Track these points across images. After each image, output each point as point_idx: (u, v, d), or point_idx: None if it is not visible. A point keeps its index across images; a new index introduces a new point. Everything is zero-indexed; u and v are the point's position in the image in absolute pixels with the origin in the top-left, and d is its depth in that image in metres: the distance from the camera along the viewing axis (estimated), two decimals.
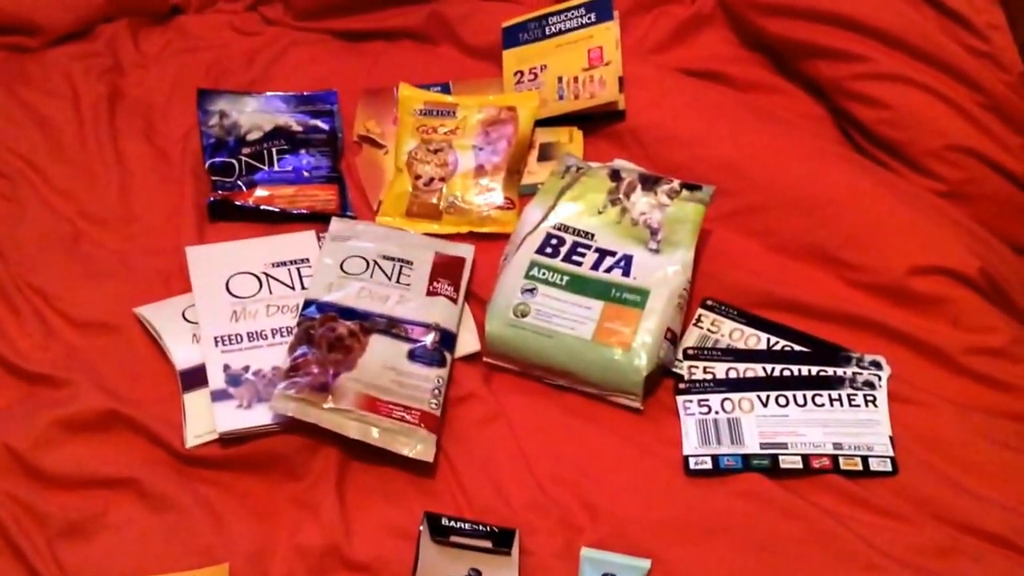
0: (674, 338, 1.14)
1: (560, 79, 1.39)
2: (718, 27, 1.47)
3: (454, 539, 0.95)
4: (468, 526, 0.95)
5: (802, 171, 1.27)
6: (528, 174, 1.34)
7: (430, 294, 1.16)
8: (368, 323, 1.11)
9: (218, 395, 1.07)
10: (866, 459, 1.05)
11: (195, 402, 1.08)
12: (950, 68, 1.28)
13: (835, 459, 1.05)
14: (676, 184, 1.21)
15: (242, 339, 1.12)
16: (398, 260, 1.19)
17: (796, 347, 1.15)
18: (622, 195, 1.22)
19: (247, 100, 1.41)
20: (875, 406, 1.09)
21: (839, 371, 1.11)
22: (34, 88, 1.43)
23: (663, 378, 1.13)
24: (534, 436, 1.08)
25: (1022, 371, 1.13)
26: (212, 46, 1.52)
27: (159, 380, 1.11)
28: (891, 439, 1.06)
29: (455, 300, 1.16)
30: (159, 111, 1.42)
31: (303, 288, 1.17)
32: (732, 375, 1.13)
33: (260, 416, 1.06)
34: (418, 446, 1.04)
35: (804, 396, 1.10)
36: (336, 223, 1.23)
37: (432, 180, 1.32)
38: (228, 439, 1.05)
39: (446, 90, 1.43)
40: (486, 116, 1.37)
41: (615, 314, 1.12)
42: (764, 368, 1.13)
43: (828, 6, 1.33)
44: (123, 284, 1.20)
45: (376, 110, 1.42)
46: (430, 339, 1.11)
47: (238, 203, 1.29)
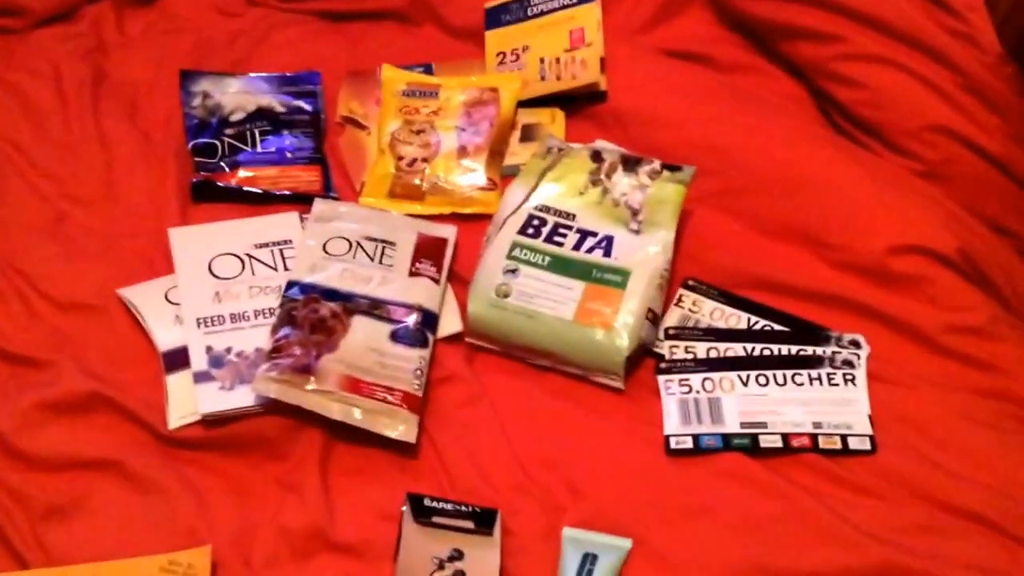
0: (655, 318, 1.14)
1: (542, 60, 1.39)
2: (699, 8, 1.47)
3: (436, 520, 0.96)
4: (450, 507, 0.96)
5: (782, 152, 1.27)
6: (510, 155, 1.34)
7: (412, 275, 1.16)
8: (351, 304, 1.12)
9: (201, 377, 1.07)
10: (845, 438, 1.06)
11: (178, 384, 1.08)
12: (929, 49, 1.29)
13: (814, 438, 1.06)
14: (657, 165, 1.22)
15: (225, 320, 1.12)
16: (381, 241, 1.19)
17: (776, 326, 1.15)
18: (603, 176, 1.22)
19: (230, 81, 1.41)
20: (854, 385, 1.10)
21: (818, 350, 1.12)
22: (18, 69, 1.43)
23: (644, 358, 1.14)
24: (516, 416, 1.09)
25: (1000, 350, 1.13)
26: (196, 27, 1.52)
27: (142, 362, 1.12)
28: (870, 418, 1.07)
29: (437, 281, 1.17)
30: (143, 92, 1.42)
31: (286, 269, 1.17)
32: (713, 355, 1.13)
33: (243, 398, 1.06)
34: (400, 427, 1.04)
35: (784, 375, 1.10)
36: (319, 204, 1.23)
37: (415, 161, 1.32)
38: (211, 421, 1.06)
39: (429, 71, 1.43)
40: (469, 97, 1.37)
41: (596, 294, 1.13)
42: (744, 347, 1.13)
43: None
44: (106, 266, 1.20)
45: (359, 91, 1.42)
46: (412, 320, 1.12)
47: (221, 184, 1.29)
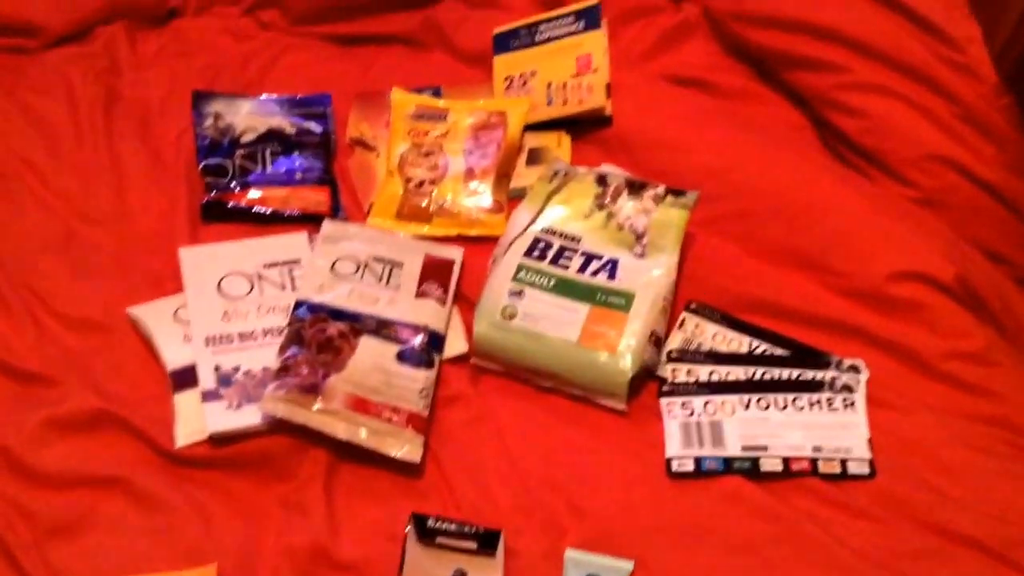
0: (658, 341, 1.16)
1: (549, 85, 1.41)
2: (703, 37, 1.49)
3: (440, 540, 0.97)
4: (454, 527, 0.97)
5: (784, 178, 1.29)
6: (517, 178, 1.36)
7: (419, 296, 1.18)
8: (358, 324, 1.13)
9: (208, 395, 1.09)
10: (844, 462, 1.07)
11: (185, 402, 1.09)
12: (928, 79, 1.31)
13: (814, 462, 1.07)
14: (661, 189, 1.24)
15: (233, 339, 1.14)
16: (388, 262, 1.20)
17: (777, 350, 1.17)
18: (608, 200, 1.24)
19: (242, 103, 1.43)
20: (853, 409, 1.11)
21: (819, 375, 1.13)
22: (32, 89, 1.45)
23: (647, 381, 1.15)
24: (520, 437, 1.10)
25: (997, 377, 1.14)
26: (208, 49, 1.54)
27: (150, 380, 1.13)
28: (869, 442, 1.08)
29: (444, 302, 1.18)
30: (155, 113, 1.43)
31: (294, 289, 1.19)
32: (714, 378, 1.15)
33: (250, 416, 1.07)
34: (405, 447, 1.06)
35: (784, 399, 1.12)
36: (328, 225, 1.25)
37: (423, 183, 1.34)
38: (218, 439, 1.07)
39: (437, 95, 1.45)
40: (476, 120, 1.39)
41: (601, 317, 1.14)
42: (746, 371, 1.15)
43: (810, 18, 1.35)
44: (116, 284, 1.22)
45: (368, 113, 1.44)
46: (419, 340, 1.13)
47: (231, 204, 1.31)
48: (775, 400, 1.12)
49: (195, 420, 1.08)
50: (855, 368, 1.14)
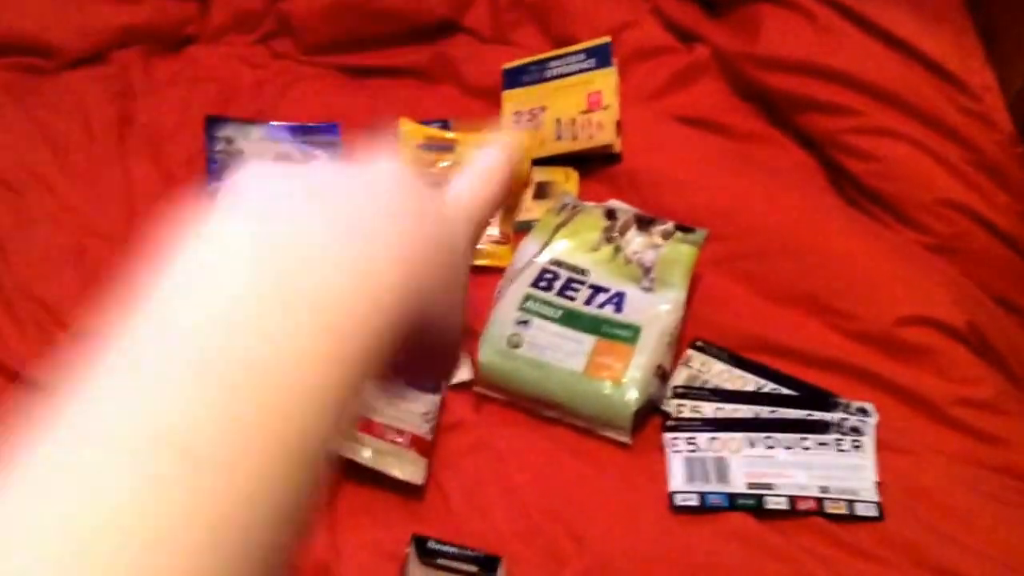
0: (664, 375, 1.15)
1: (558, 121, 1.41)
2: (714, 77, 1.50)
3: (440, 562, 0.96)
4: (455, 550, 0.96)
5: (794, 220, 1.29)
6: (524, 211, 1.36)
7: None
8: None
9: None
10: (852, 503, 1.05)
11: None
12: (942, 125, 1.31)
13: (821, 502, 1.06)
14: (670, 225, 1.23)
15: None
16: None
17: (784, 391, 1.16)
18: (617, 233, 1.24)
19: (252, 128, 1.43)
20: (862, 452, 1.10)
21: (827, 416, 1.12)
22: (48, 108, 1.45)
23: (652, 415, 1.14)
24: (522, 466, 1.09)
25: (1007, 424, 1.13)
26: (221, 76, 1.55)
27: None
28: (877, 485, 1.07)
29: None
30: (167, 135, 1.44)
31: None
32: (721, 415, 1.13)
33: None
34: (408, 468, 1.05)
35: (791, 439, 1.10)
36: None
37: None
38: None
39: (446, 127, 1.46)
40: None
41: (606, 349, 1.14)
42: (752, 410, 1.14)
43: (823, 61, 1.36)
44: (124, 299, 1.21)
45: (377, 144, 1.44)
46: None
47: None
48: (782, 439, 1.11)
49: None
50: (864, 411, 1.13)
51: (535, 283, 1.20)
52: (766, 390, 1.16)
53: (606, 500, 1.06)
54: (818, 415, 1.12)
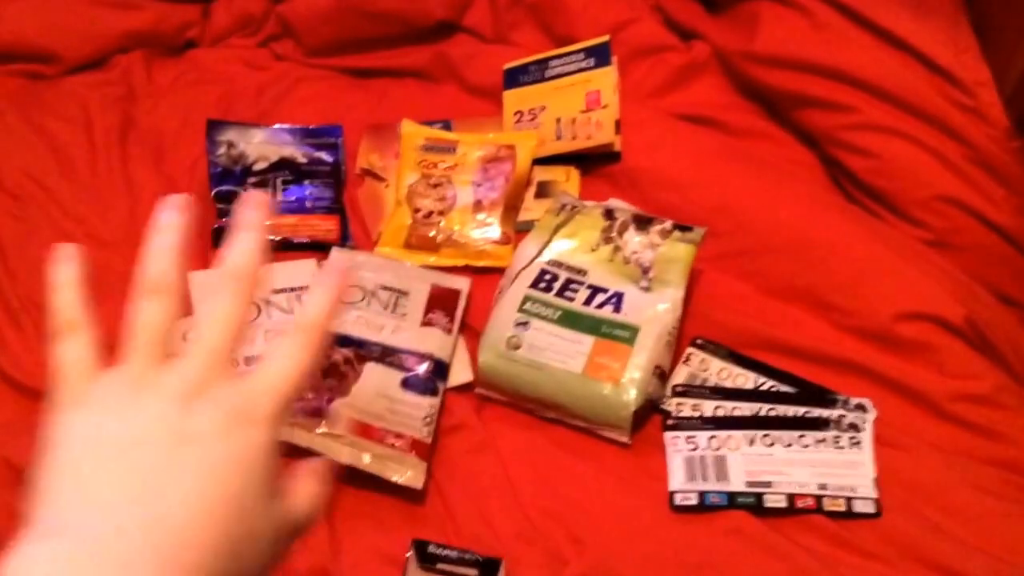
0: (663, 374, 1.16)
1: (558, 120, 1.42)
2: (712, 75, 1.50)
3: (441, 566, 0.97)
4: (455, 554, 0.97)
5: (792, 216, 1.29)
6: (525, 211, 1.37)
7: (425, 324, 1.18)
8: (363, 351, 1.14)
9: None
10: (850, 500, 1.06)
11: None
12: (938, 121, 1.31)
13: (819, 499, 1.06)
14: (668, 224, 1.24)
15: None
16: (395, 290, 1.21)
17: (783, 388, 1.16)
18: (615, 233, 1.24)
19: (255, 131, 1.44)
20: (860, 448, 1.10)
21: (825, 413, 1.13)
22: (49, 113, 1.46)
23: (652, 414, 1.15)
24: (523, 467, 1.10)
25: (1006, 418, 1.14)
26: (223, 79, 1.55)
27: None
28: (875, 481, 1.07)
29: (449, 331, 1.18)
30: (169, 140, 1.45)
31: None
32: (720, 413, 1.14)
33: None
34: (408, 472, 1.05)
35: (790, 436, 1.11)
36: (336, 253, 1.25)
37: (431, 213, 1.35)
38: None
39: (447, 127, 1.46)
40: (485, 153, 1.40)
41: (605, 349, 1.14)
42: (751, 407, 1.14)
43: (820, 59, 1.36)
44: (127, 305, 1.22)
45: (379, 145, 1.45)
46: (424, 368, 1.13)
47: None
48: (781, 437, 1.11)
49: None
50: (862, 407, 1.14)
51: (534, 284, 1.21)
52: (765, 387, 1.17)
53: (606, 500, 1.07)
54: (817, 412, 1.13)
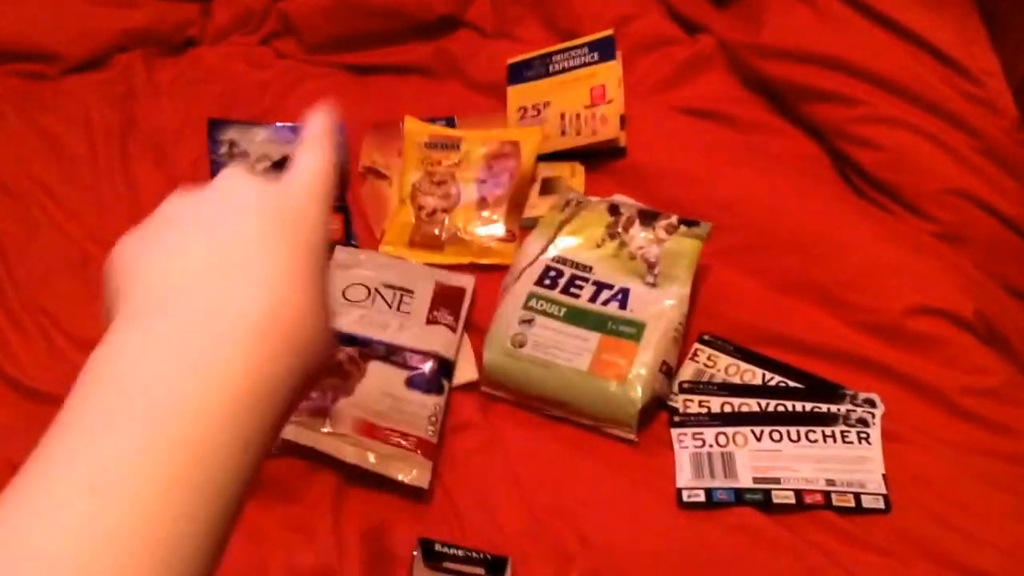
0: (669, 371, 1.15)
1: (563, 115, 1.41)
2: (718, 68, 1.49)
3: (447, 565, 0.96)
4: (461, 552, 0.96)
5: (800, 210, 1.28)
6: (530, 207, 1.36)
7: (430, 323, 1.17)
8: (367, 349, 1.13)
9: None
10: (859, 496, 1.05)
11: None
12: (946, 113, 1.30)
13: (828, 495, 1.05)
14: (674, 219, 1.23)
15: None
16: (399, 289, 1.20)
17: (791, 383, 1.16)
18: (620, 229, 1.23)
19: (257, 130, 1.43)
20: (868, 443, 1.09)
21: (833, 408, 1.12)
22: (49, 114, 1.46)
23: (658, 411, 1.14)
24: (529, 465, 1.09)
25: (1016, 413, 1.13)
26: (224, 77, 1.55)
27: None
28: (884, 477, 1.07)
29: (454, 329, 1.18)
30: (170, 139, 1.44)
31: None
32: (727, 409, 1.13)
33: None
34: (413, 471, 1.05)
35: (798, 432, 1.10)
36: (340, 251, 1.25)
37: (435, 211, 1.34)
38: None
39: (451, 124, 1.45)
40: (489, 150, 1.39)
41: (611, 346, 1.14)
42: (759, 403, 1.14)
43: (827, 51, 1.35)
44: None
45: (381, 142, 1.44)
46: (428, 367, 1.13)
47: None
48: (788, 433, 1.10)
49: None
50: (871, 402, 1.13)
51: (539, 281, 1.20)
52: (773, 383, 1.16)
53: (613, 498, 1.06)
54: (825, 407, 1.12)
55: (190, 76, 1.55)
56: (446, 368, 1.14)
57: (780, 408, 1.13)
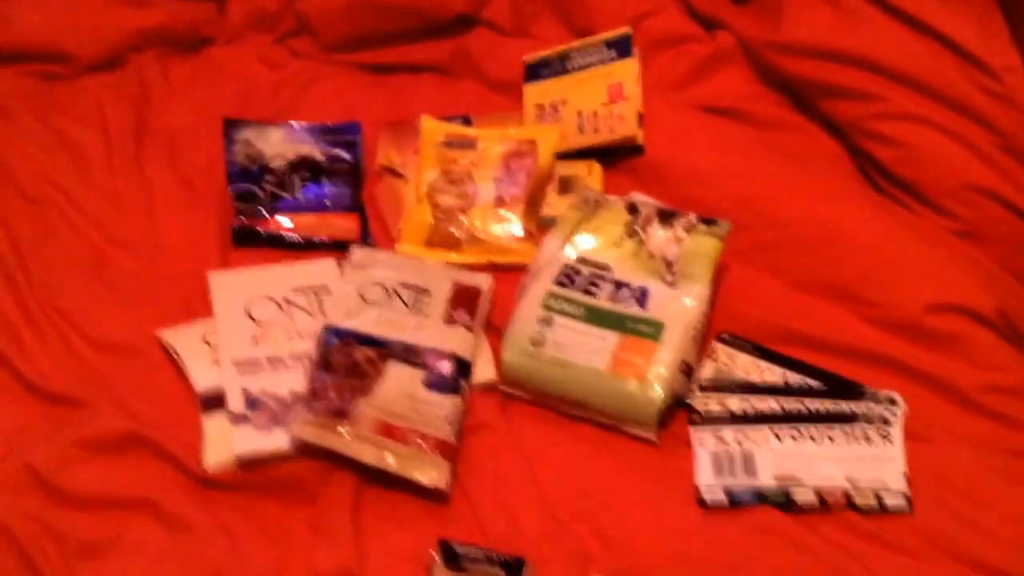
0: (689, 370, 1.14)
1: (580, 114, 1.41)
2: (737, 65, 1.48)
3: (466, 566, 0.96)
4: (481, 553, 0.96)
5: (819, 208, 1.28)
6: (547, 206, 1.35)
7: (447, 323, 1.17)
8: (385, 350, 1.13)
9: (237, 418, 1.08)
10: (880, 495, 1.05)
11: (214, 425, 1.09)
12: (966, 109, 1.29)
13: (849, 495, 1.05)
14: (693, 218, 1.23)
15: (261, 364, 1.13)
16: (417, 288, 1.20)
17: (811, 382, 1.15)
18: (639, 228, 1.23)
19: (272, 130, 1.43)
20: (890, 442, 1.09)
21: (854, 407, 1.11)
22: (64, 115, 1.46)
23: (678, 410, 1.14)
24: (548, 466, 1.09)
25: None
26: (239, 77, 1.55)
27: (179, 403, 1.12)
28: (906, 476, 1.06)
29: (472, 329, 1.17)
30: (186, 139, 1.44)
31: (323, 314, 1.18)
32: (747, 409, 1.13)
33: (277, 440, 1.07)
34: (432, 473, 1.04)
35: (819, 431, 1.10)
36: (357, 251, 1.25)
37: (452, 211, 1.34)
38: (245, 462, 1.06)
39: (468, 123, 1.45)
40: (506, 149, 1.38)
41: (630, 346, 1.13)
42: (779, 402, 1.13)
43: (846, 47, 1.35)
44: (146, 308, 1.22)
45: (398, 141, 1.44)
46: (446, 367, 1.12)
47: (260, 230, 1.31)
48: (809, 432, 1.10)
49: (223, 443, 1.07)
50: (892, 400, 1.12)
51: (558, 280, 1.19)
52: (792, 382, 1.15)
53: (633, 498, 1.06)
54: (845, 406, 1.12)
55: (205, 76, 1.55)
56: (464, 368, 1.14)
57: (800, 407, 1.12)
